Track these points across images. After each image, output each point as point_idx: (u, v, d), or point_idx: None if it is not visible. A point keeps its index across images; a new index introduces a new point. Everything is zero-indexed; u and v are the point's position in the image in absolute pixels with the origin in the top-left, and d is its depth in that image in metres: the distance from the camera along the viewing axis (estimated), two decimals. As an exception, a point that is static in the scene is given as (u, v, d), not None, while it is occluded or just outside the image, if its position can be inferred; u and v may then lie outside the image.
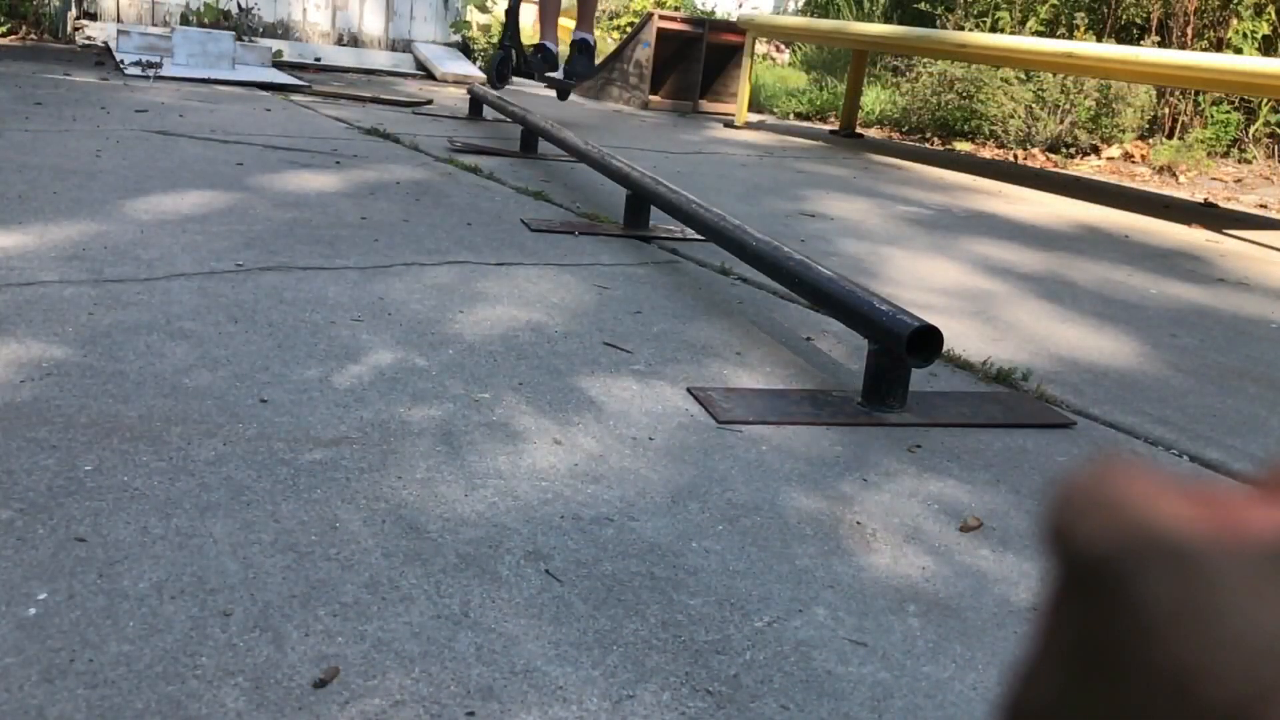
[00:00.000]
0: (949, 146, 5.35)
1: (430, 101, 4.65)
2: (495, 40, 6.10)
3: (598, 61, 6.10)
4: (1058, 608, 0.16)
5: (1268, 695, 0.14)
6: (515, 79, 4.74)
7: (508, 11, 4.41)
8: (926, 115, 5.57)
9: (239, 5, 5.75)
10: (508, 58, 4.39)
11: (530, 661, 0.88)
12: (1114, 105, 5.19)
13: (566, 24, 5.65)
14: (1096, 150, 5.25)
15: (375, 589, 0.95)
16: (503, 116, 3.85)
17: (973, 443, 1.43)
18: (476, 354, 1.57)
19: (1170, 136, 5.42)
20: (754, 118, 5.66)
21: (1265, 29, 5.23)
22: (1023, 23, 5.80)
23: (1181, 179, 4.81)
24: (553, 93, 4.77)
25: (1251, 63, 3.52)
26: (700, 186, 3.13)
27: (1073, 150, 5.22)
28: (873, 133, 5.63)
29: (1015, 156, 5.15)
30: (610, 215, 2.58)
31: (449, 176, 2.92)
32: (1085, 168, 4.99)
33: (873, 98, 6.01)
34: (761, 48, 7.91)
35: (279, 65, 5.32)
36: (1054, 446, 1.46)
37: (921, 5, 6.28)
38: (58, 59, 4.78)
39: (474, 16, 6.55)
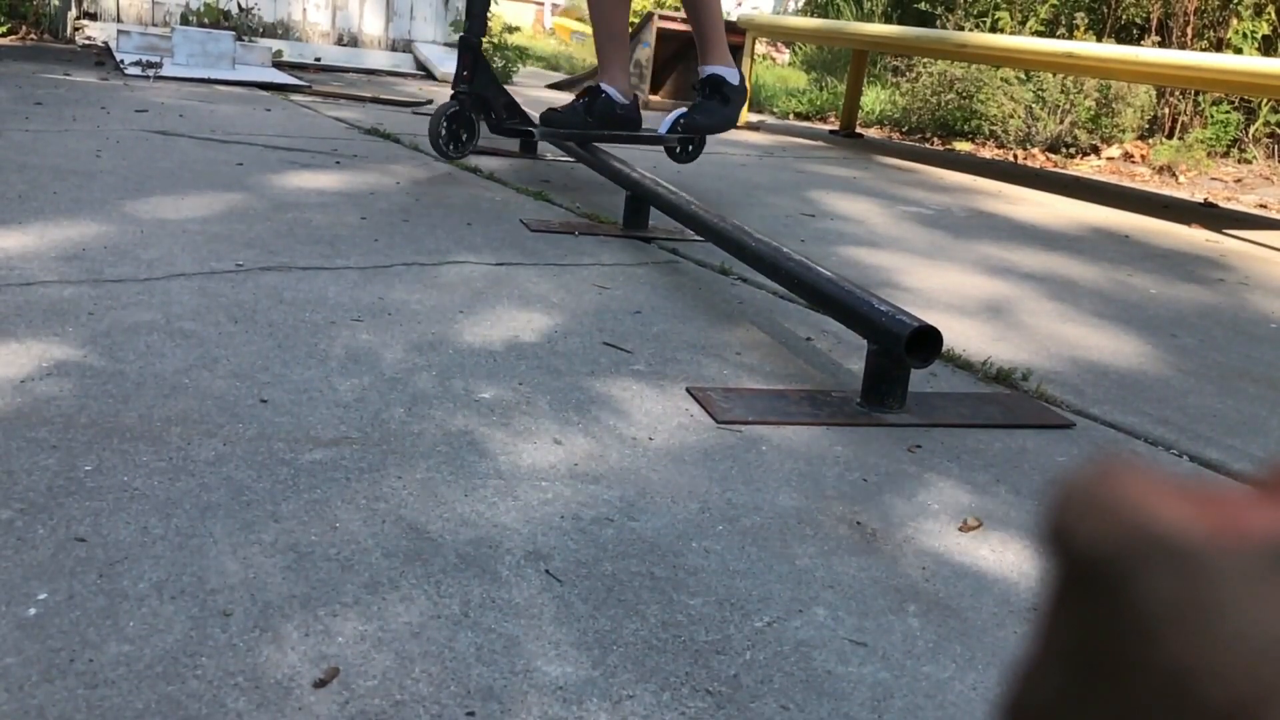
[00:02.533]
0: (949, 146, 5.35)
1: (430, 102, 4.65)
2: (497, 44, 5.80)
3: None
4: (1058, 608, 0.16)
5: (1268, 695, 0.14)
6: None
7: (462, 41, 2.78)
8: (926, 115, 5.57)
9: (239, 5, 5.75)
10: (463, 113, 2.85)
11: (530, 661, 0.88)
12: (1114, 105, 5.19)
13: (566, 24, 5.53)
14: (1096, 150, 5.25)
15: (375, 589, 0.95)
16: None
17: (973, 443, 1.43)
18: (476, 354, 1.57)
19: (1170, 136, 5.42)
20: (754, 118, 5.66)
21: (1265, 29, 5.22)
22: (1023, 23, 5.80)
23: (1181, 179, 4.81)
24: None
25: (1251, 63, 3.52)
26: (700, 186, 3.13)
27: (1073, 150, 5.22)
28: (873, 133, 5.63)
29: (1015, 156, 5.14)
30: (610, 215, 2.58)
31: (449, 177, 2.92)
32: (1085, 168, 4.99)
33: (873, 98, 6.01)
34: (761, 48, 7.91)
35: (279, 65, 5.32)
36: (1054, 447, 1.46)
37: (921, 5, 6.28)
38: (58, 59, 4.78)
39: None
